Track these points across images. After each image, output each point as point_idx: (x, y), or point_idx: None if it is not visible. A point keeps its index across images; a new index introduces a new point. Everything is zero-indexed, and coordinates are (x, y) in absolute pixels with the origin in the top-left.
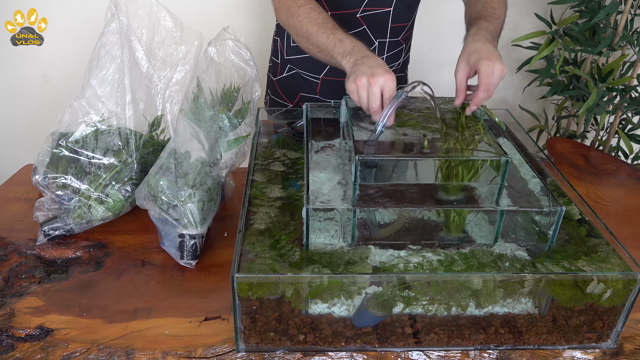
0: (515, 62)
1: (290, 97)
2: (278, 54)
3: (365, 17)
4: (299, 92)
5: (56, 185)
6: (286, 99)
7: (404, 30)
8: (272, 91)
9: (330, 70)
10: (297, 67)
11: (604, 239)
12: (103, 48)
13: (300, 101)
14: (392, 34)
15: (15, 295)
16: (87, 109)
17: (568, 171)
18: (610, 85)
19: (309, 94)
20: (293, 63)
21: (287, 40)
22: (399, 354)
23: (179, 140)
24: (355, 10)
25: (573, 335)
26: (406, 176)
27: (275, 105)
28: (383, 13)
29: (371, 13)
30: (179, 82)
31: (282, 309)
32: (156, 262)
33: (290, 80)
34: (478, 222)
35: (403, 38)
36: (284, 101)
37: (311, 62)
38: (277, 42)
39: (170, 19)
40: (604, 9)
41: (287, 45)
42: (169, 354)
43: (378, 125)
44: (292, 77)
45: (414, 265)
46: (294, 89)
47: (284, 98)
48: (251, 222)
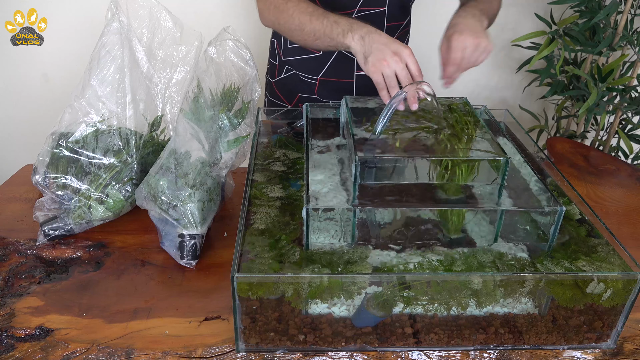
0: (515, 62)
1: (289, 98)
2: (275, 55)
3: (360, 17)
4: (297, 93)
5: (56, 185)
6: (284, 100)
7: (399, 29)
8: (270, 93)
9: (328, 70)
10: (295, 69)
11: (604, 239)
12: (103, 48)
13: (298, 102)
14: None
15: (15, 295)
16: (88, 109)
17: (568, 171)
18: (610, 85)
19: (307, 95)
20: (291, 64)
21: (284, 42)
22: (399, 354)
23: (179, 140)
24: (351, 11)
25: (573, 335)
26: (406, 176)
27: (273, 106)
28: (378, 13)
29: (366, 13)
30: (179, 82)
31: (282, 309)
32: (156, 262)
33: (288, 82)
34: (478, 222)
35: (398, 37)
36: (282, 102)
37: (309, 63)
38: (275, 44)
39: (170, 19)
40: (604, 9)
41: (284, 47)
42: (169, 354)
43: (378, 125)
44: (290, 78)
45: (414, 265)
46: (292, 90)
47: (282, 99)
48: (251, 222)
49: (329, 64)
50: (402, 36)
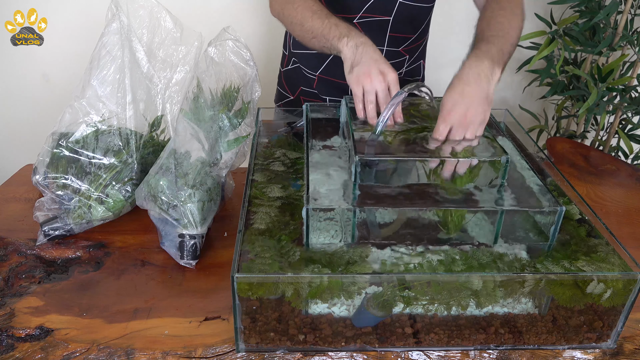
0: (515, 62)
1: (292, 89)
2: (287, 46)
3: (362, 23)
4: (300, 86)
5: (56, 185)
6: (289, 91)
7: (406, 41)
8: (279, 82)
9: (326, 68)
10: (299, 62)
11: (604, 239)
12: (104, 48)
13: (300, 95)
14: (391, 43)
15: (15, 295)
16: (88, 109)
17: (568, 171)
18: (610, 85)
19: (307, 89)
20: (296, 57)
21: None
22: (399, 354)
23: (179, 140)
24: (354, 16)
25: (573, 335)
26: (406, 176)
27: (279, 96)
28: (381, 21)
29: (369, 20)
30: (179, 83)
31: (282, 309)
32: (156, 262)
33: (293, 73)
34: (478, 222)
35: (405, 50)
36: (287, 93)
37: (310, 59)
38: (287, 34)
39: (170, 19)
40: (604, 9)
41: (292, 39)
42: (169, 354)
43: (378, 125)
44: (294, 70)
45: (414, 265)
46: (295, 82)
47: (287, 90)
48: (251, 222)
49: (327, 63)
50: (410, 50)
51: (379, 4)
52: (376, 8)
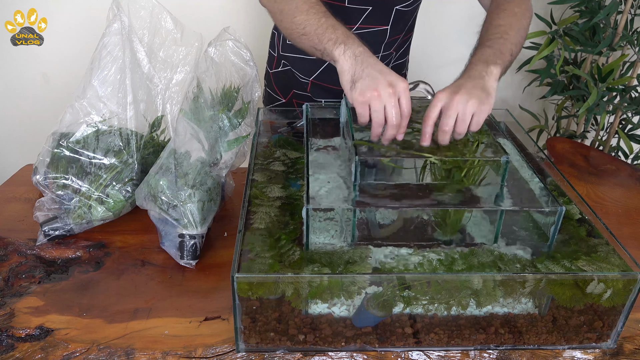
0: (515, 62)
1: (284, 92)
2: (275, 47)
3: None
4: (292, 89)
5: (56, 186)
6: (280, 93)
7: (396, 42)
8: (267, 84)
9: (320, 75)
10: (291, 65)
11: (604, 238)
12: (105, 48)
13: (292, 98)
14: (385, 48)
15: (15, 295)
16: (88, 109)
17: (568, 171)
18: (610, 85)
19: (300, 92)
20: (287, 60)
21: (283, 37)
22: (399, 354)
23: (179, 140)
24: (351, 27)
25: (573, 335)
26: (406, 176)
27: (270, 99)
28: (380, 31)
29: (367, 31)
30: (179, 83)
31: (282, 309)
32: (156, 262)
33: (283, 76)
34: (478, 222)
35: (395, 48)
36: (277, 95)
37: (303, 63)
38: (275, 36)
39: (170, 20)
40: (604, 9)
41: (282, 41)
42: (169, 354)
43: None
44: (285, 72)
45: (414, 265)
46: (287, 85)
47: (278, 92)
48: (251, 222)
49: (322, 69)
50: (397, 47)
51: (377, 13)
52: (374, 19)
